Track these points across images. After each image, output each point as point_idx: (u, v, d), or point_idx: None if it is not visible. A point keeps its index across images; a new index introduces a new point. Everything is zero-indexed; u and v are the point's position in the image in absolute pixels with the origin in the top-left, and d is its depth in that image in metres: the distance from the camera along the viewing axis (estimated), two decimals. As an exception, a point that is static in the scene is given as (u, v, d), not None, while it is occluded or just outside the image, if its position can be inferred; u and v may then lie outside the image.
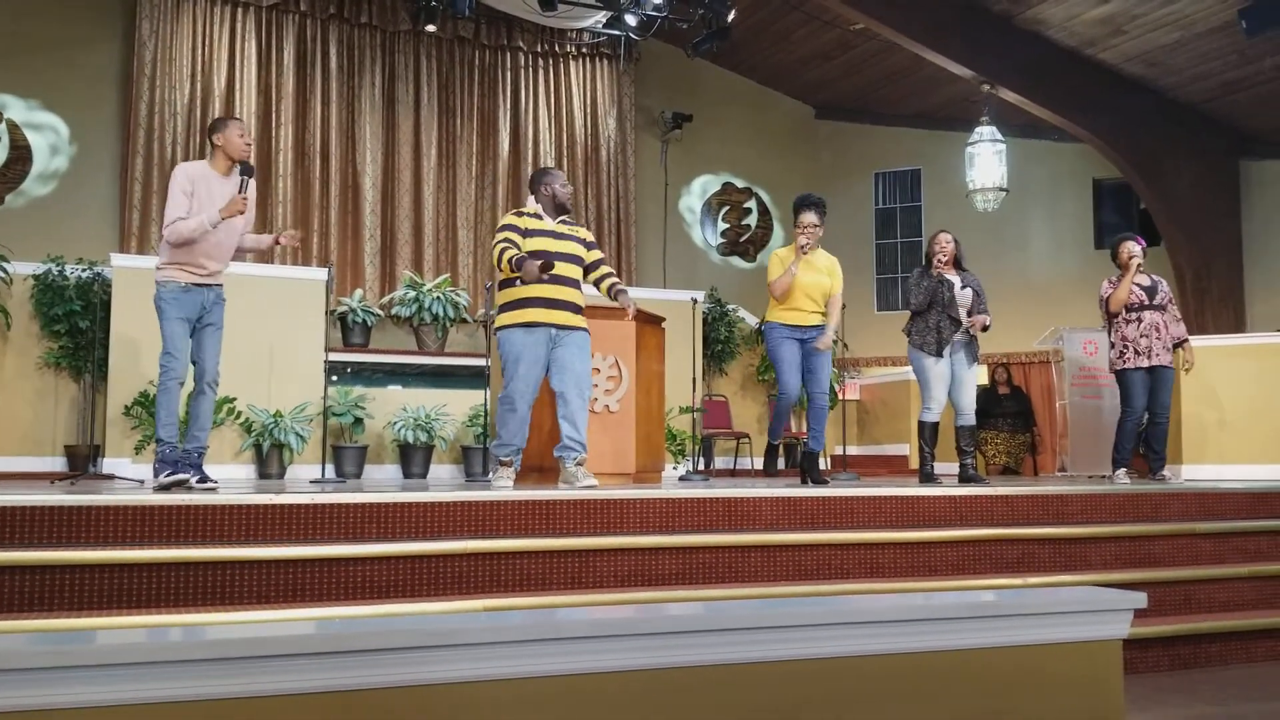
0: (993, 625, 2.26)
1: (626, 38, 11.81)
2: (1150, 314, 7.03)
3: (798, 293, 6.40)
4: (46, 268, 8.66)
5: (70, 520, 3.87)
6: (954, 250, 6.70)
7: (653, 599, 4.24)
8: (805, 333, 6.45)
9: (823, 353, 6.47)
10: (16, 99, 10.13)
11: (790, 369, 6.41)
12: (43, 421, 8.58)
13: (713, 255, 12.93)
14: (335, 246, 11.00)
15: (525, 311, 5.46)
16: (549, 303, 5.49)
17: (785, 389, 6.47)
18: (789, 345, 6.42)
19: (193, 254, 5.40)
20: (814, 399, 6.56)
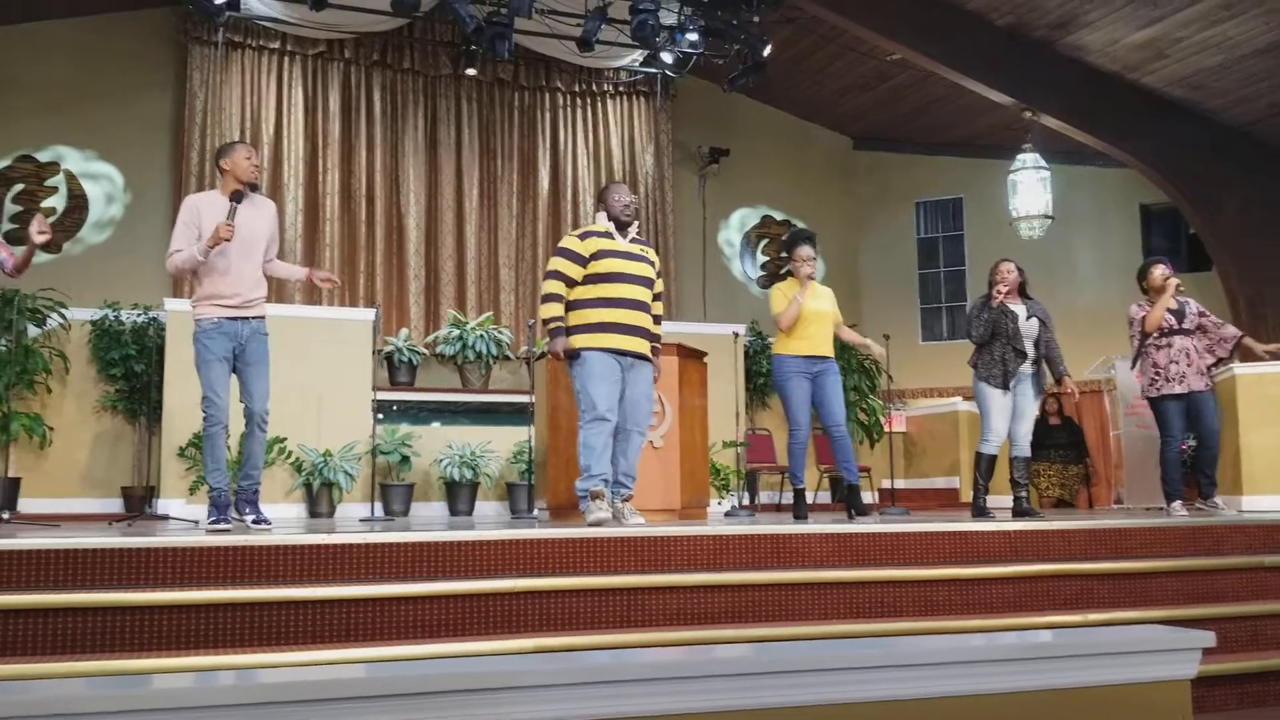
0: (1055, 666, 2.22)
1: (663, 75, 11.92)
2: (1180, 339, 6.90)
3: (807, 322, 6.43)
4: (103, 313, 8.86)
5: (128, 562, 3.92)
6: (1017, 279, 6.63)
7: (702, 638, 4.21)
8: (816, 364, 6.44)
9: (833, 383, 6.43)
10: (73, 150, 10.41)
11: (801, 406, 6.42)
12: (100, 464, 8.75)
13: (753, 288, 12.93)
14: (381, 287, 11.14)
15: (603, 336, 5.41)
16: (625, 329, 5.45)
17: (797, 424, 6.46)
18: (798, 381, 6.41)
19: (215, 285, 5.34)
20: (831, 432, 6.49)
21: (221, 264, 5.33)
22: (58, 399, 8.69)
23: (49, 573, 3.83)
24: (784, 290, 6.55)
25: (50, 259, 10.18)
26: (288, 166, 10.84)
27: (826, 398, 6.42)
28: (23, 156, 10.25)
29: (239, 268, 5.38)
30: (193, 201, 5.48)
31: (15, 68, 10.18)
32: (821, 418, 6.50)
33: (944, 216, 13.11)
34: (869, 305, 12.75)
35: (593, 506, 5.29)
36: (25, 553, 3.83)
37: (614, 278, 5.48)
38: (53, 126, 10.31)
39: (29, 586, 3.78)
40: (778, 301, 6.50)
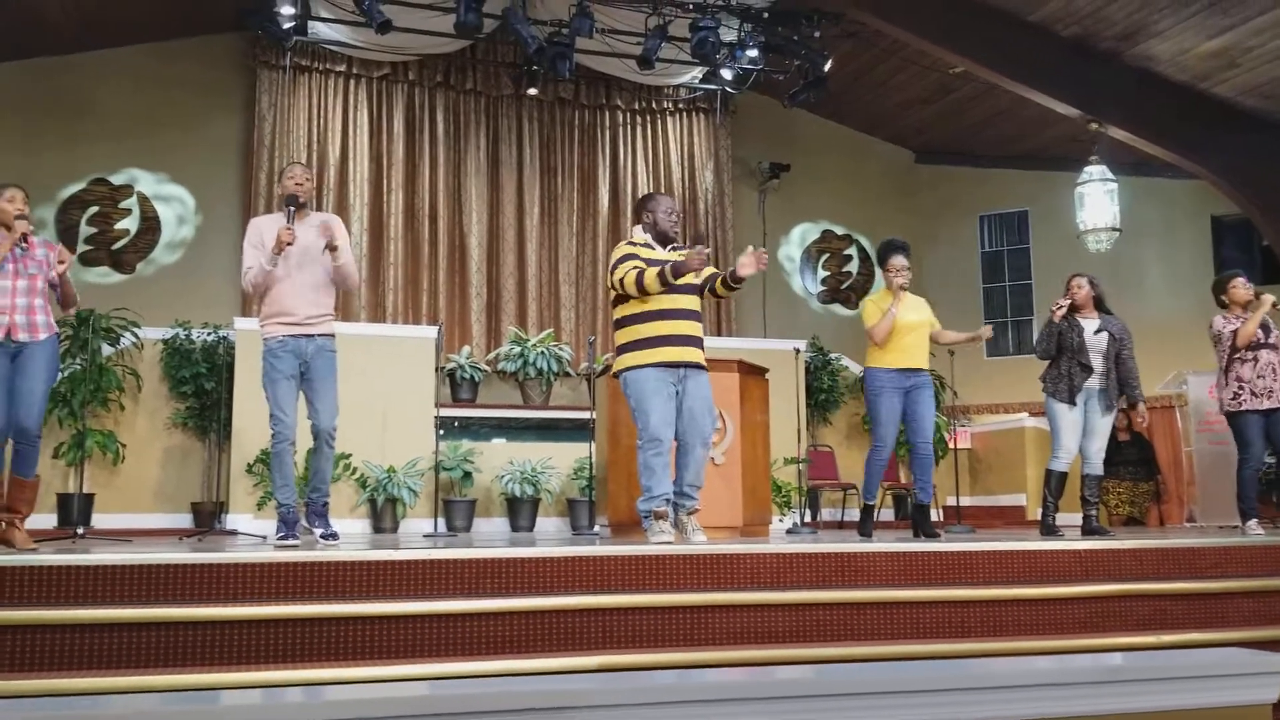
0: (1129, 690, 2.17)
1: (722, 91, 11.93)
2: (1266, 353, 6.74)
3: (900, 333, 6.27)
4: (174, 332, 9.06)
5: (198, 577, 4.00)
6: (1088, 293, 6.54)
7: (766, 658, 4.18)
8: (909, 377, 6.28)
9: (926, 399, 6.27)
10: (146, 173, 10.69)
11: (888, 420, 6.23)
12: (171, 479, 8.94)
13: (813, 303, 12.86)
14: (444, 304, 11.27)
15: (653, 351, 5.33)
16: (676, 339, 5.36)
17: (881, 441, 6.27)
18: (889, 395, 6.23)
19: (279, 303, 5.44)
20: (918, 449, 6.33)
21: (281, 280, 5.44)
22: (130, 416, 8.90)
23: (122, 588, 3.91)
24: (876, 302, 6.40)
25: (124, 279, 10.46)
26: (353, 187, 11.02)
27: (918, 413, 6.26)
28: (97, 180, 10.55)
29: (298, 284, 5.46)
30: (256, 223, 5.67)
31: (90, 93, 10.49)
32: (909, 433, 6.34)
33: (1009, 230, 12.94)
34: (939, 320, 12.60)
35: (655, 527, 5.27)
36: (99, 568, 3.91)
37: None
38: (126, 150, 10.60)
39: (103, 601, 3.86)
40: (870, 314, 6.36)
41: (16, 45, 10.13)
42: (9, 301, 4.93)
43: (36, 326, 4.99)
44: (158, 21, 10.44)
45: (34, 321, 4.99)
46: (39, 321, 5.01)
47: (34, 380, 4.91)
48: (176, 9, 10.33)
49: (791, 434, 8.49)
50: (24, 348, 4.96)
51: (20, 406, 4.85)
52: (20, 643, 3.64)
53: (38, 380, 4.92)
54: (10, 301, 4.93)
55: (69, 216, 10.29)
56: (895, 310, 6.25)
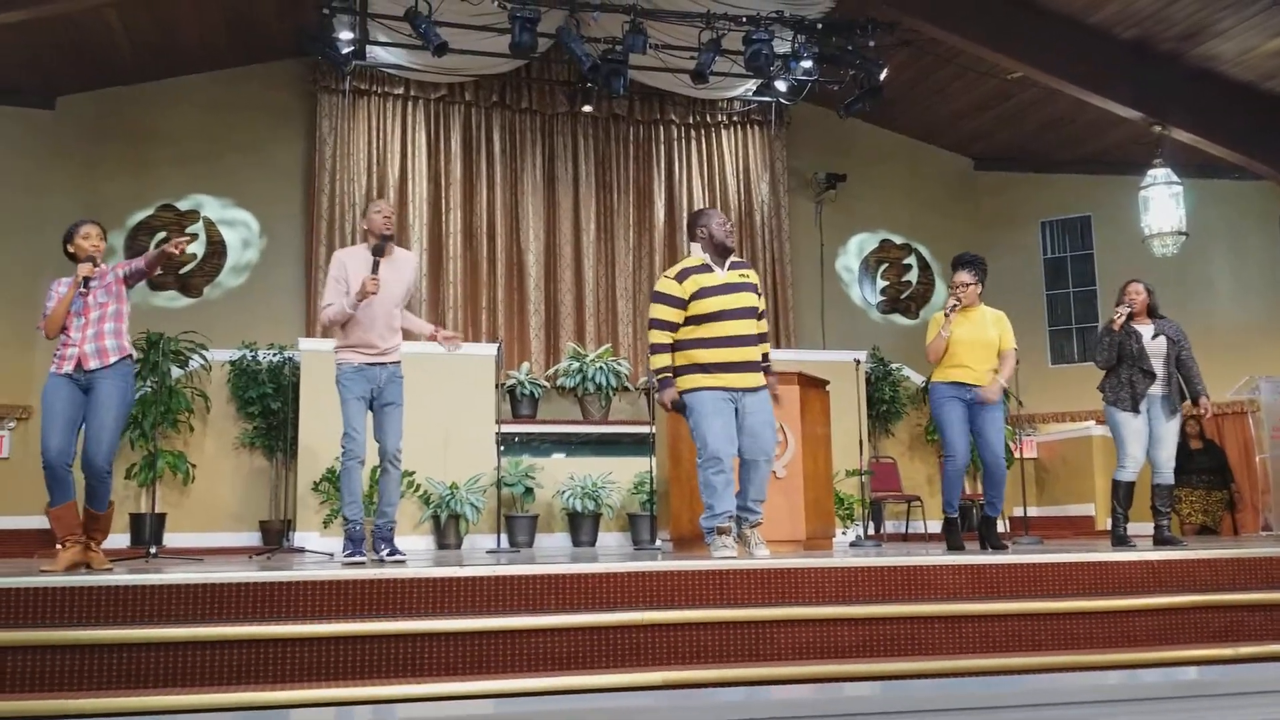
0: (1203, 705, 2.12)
1: (777, 103, 11.91)
2: None
3: (960, 350, 6.12)
4: (241, 353, 9.24)
5: (267, 596, 4.06)
6: (1145, 299, 6.43)
7: (832, 673, 4.13)
8: (971, 391, 6.13)
9: (992, 412, 6.10)
10: (212, 198, 10.92)
11: (957, 430, 6.08)
12: (239, 498, 9.10)
13: (873, 314, 12.76)
14: (502, 322, 11.36)
15: (709, 377, 5.35)
16: (732, 367, 5.36)
17: (953, 451, 6.11)
18: (953, 405, 6.10)
19: (357, 335, 5.69)
20: (988, 465, 6.17)
21: (363, 317, 5.67)
22: (199, 437, 9.08)
23: (194, 606, 3.98)
24: (937, 319, 6.30)
25: (191, 303, 10.69)
26: (412, 208, 11.17)
27: (984, 428, 6.11)
28: (164, 206, 10.81)
29: (377, 320, 5.72)
30: (339, 257, 5.88)
31: (157, 122, 10.76)
32: (980, 449, 6.21)
33: (1072, 236, 12.73)
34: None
35: (718, 542, 5.27)
36: (171, 587, 3.99)
37: (717, 316, 5.40)
38: (192, 176, 10.85)
39: (176, 620, 3.94)
40: (930, 332, 6.27)
41: (86, 76, 10.43)
42: (79, 335, 5.01)
43: (106, 351, 5.03)
44: (221, 50, 10.69)
45: (103, 347, 5.03)
46: (108, 346, 5.05)
47: (105, 415, 4.94)
48: (239, 37, 10.57)
49: (853, 446, 8.43)
50: (95, 379, 4.99)
51: (89, 443, 4.91)
52: (96, 662, 3.72)
53: (108, 414, 4.95)
54: (81, 335, 5.01)
55: (138, 242, 10.54)
56: (946, 332, 6.12)
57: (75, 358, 4.98)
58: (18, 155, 10.22)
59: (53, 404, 4.93)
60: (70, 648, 3.72)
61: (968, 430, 6.12)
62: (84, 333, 5.02)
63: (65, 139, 10.48)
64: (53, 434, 4.88)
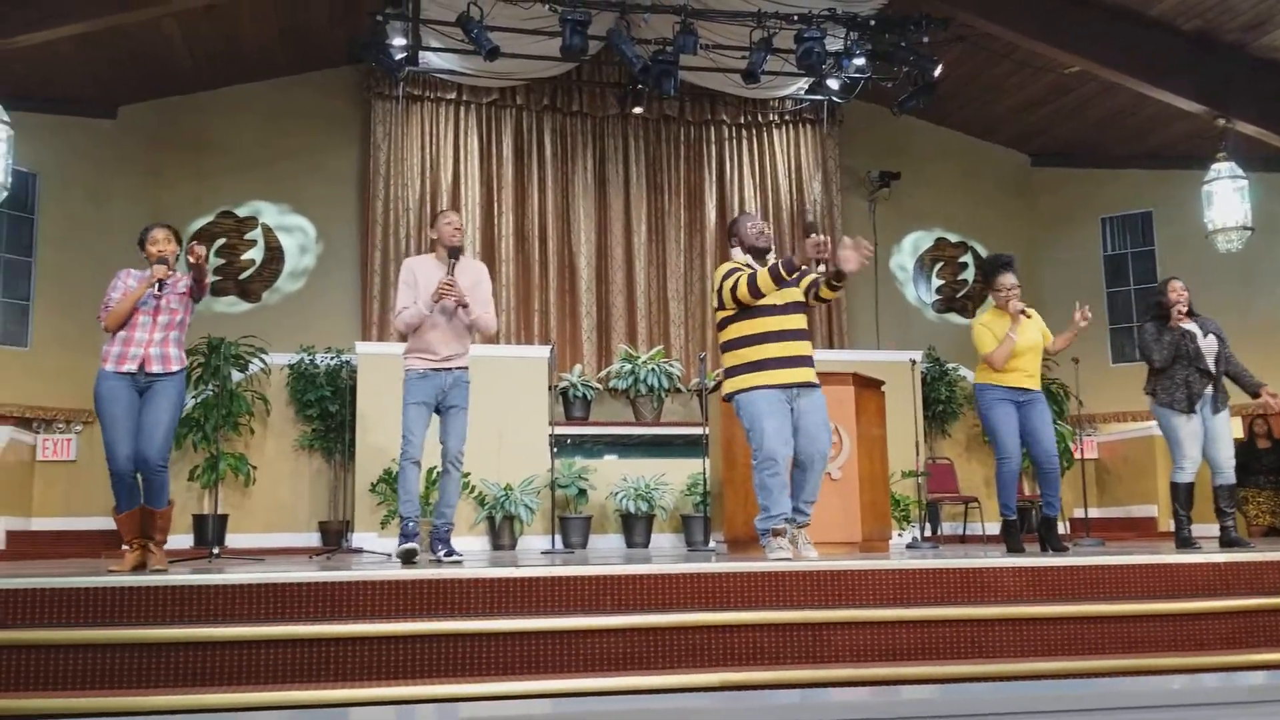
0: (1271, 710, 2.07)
1: (829, 101, 11.83)
2: None
3: (1019, 356, 6.07)
4: (299, 357, 9.37)
5: (328, 595, 4.11)
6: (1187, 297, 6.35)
7: (889, 675, 4.10)
8: (1022, 395, 6.08)
9: (1041, 410, 6.07)
10: (270, 204, 11.10)
11: (1008, 430, 6.02)
12: (299, 499, 9.23)
13: (928, 313, 12.62)
14: (555, 324, 11.41)
15: (761, 374, 5.31)
16: (783, 361, 5.33)
17: (1007, 452, 6.03)
18: (1004, 406, 6.03)
19: (423, 341, 5.83)
20: (1042, 465, 6.10)
21: (429, 322, 5.80)
22: (260, 439, 9.22)
23: (256, 606, 4.05)
24: (990, 325, 6.15)
25: (251, 308, 10.87)
26: (465, 212, 11.25)
27: (1036, 427, 6.05)
28: (224, 212, 11.00)
29: (443, 326, 5.85)
30: (409, 264, 6.03)
31: (216, 130, 10.95)
32: (1031, 448, 6.13)
33: (1132, 232, 12.49)
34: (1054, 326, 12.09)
35: (774, 544, 5.24)
36: (235, 587, 4.06)
37: (765, 310, 5.38)
38: (250, 183, 11.02)
39: (239, 619, 4.00)
40: (985, 340, 6.10)
41: (147, 86, 10.65)
42: (147, 336, 5.11)
43: (169, 359, 5.14)
44: (277, 58, 10.86)
45: (167, 354, 5.14)
46: (171, 354, 5.16)
47: (160, 413, 5.05)
48: (294, 46, 10.73)
49: (909, 447, 8.35)
50: (154, 382, 5.10)
51: (143, 439, 5.01)
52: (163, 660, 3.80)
53: (163, 413, 5.06)
54: (148, 336, 5.11)
55: (199, 249, 10.71)
56: (1015, 336, 6.02)
57: (140, 359, 5.07)
58: (82, 164, 10.46)
59: (114, 410, 5.01)
60: (138, 646, 3.80)
61: (1019, 430, 6.06)
62: (151, 334, 5.11)
63: (127, 148, 10.70)
64: (119, 442, 4.98)
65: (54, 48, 9.07)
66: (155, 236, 5.27)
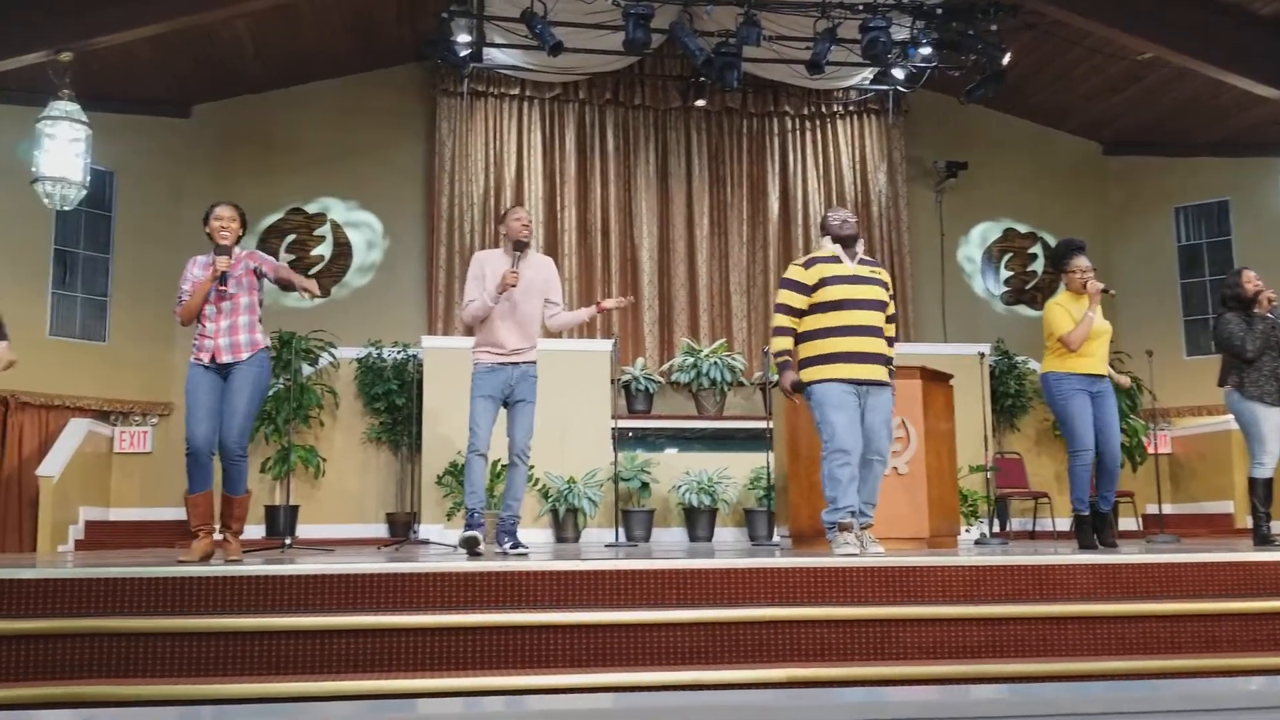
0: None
1: (894, 91, 11.69)
2: None
3: (1091, 339, 6.01)
4: (367, 351, 9.52)
5: (397, 587, 4.17)
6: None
7: (959, 673, 4.05)
8: (1094, 383, 6.02)
9: (1110, 403, 6.01)
10: (338, 201, 11.26)
11: (1085, 422, 5.94)
12: (367, 491, 9.38)
13: (996, 305, 12.42)
14: (617, 317, 11.42)
15: (834, 368, 5.33)
16: (856, 357, 5.33)
17: (1084, 444, 5.95)
18: (1080, 398, 5.96)
19: (490, 335, 5.87)
20: (1105, 461, 6.03)
21: (495, 315, 5.85)
22: (329, 432, 9.38)
23: (328, 596, 4.12)
24: (1063, 306, 6.10)
25: (320, 303, 11.02)
26: (528, 206, 11.31)
27: (1105, 420, 6.00)
28: (293, 209, 11.18)
29: (511, 320, 5.89)
30: (478, 257, 6.09)
31: (285, 128, 11.13)
32: (1098, 441, 6.04)
33: (1208, 221, 12.17)
34: (1127, 319, 11.98)
35: (840, 539, 5.21)
36: (307, 578, 4.13)
37: (843, 304, 5.38)
38: (318, 180, 11.19)
39: (311, 609, 4.07)
40: (1061, 321, 6.03)
41: (218, 85, 10.86)
42: (214, 327, 5.18)
43: (239, 347, 5.19)
44: (343, 57, 11.01)
45: (236, 343, 5.19)
46: (242, 341, 5.20)
47: (237, 401, 5.13)
48: (361, 44, 10.86)
49: (977, 441, 8.24)
50: (230, 369, 5.19)
51: (223, 426, 5.11)
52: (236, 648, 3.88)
53: (241, 399, 5.14)
54: (215, 327, 5.18)
55: (269, 245, 10.92)
56: (1094, 314, 5.97)
57: (211, 350, 5.16)
58: (157, 163, 10.70)
59: (195, 393, 5.13)
60: (215, 635, 3.89)
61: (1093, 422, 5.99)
62: (218, 324, 5.17)
63: (200, 146, 10.92)
64: (198, 422, 5.09)
65: (130, 49, 9.29)
66: (220, 214, 5.23)
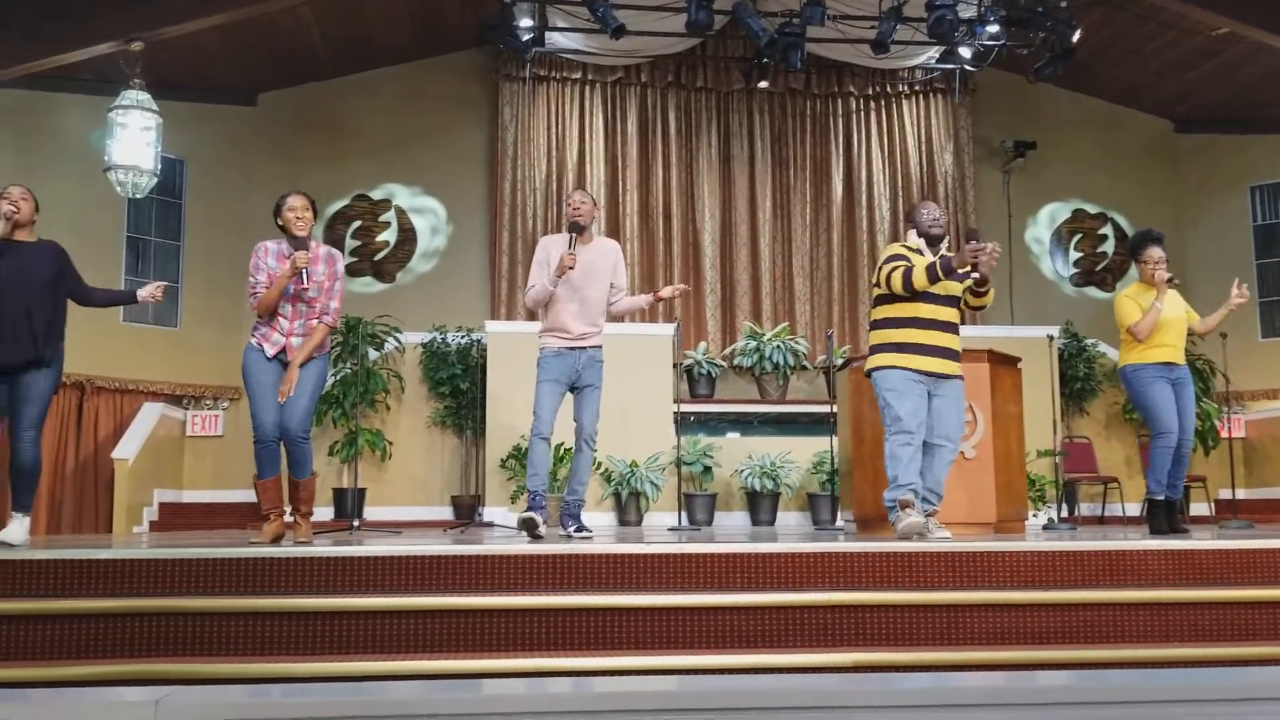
0: None
1: (961, 70, 11.50)
2: None
3: (1163, 330, 5.98)
4: (431, 336, 9.62)
5: (464, 568, 4.22)
6: None
7: (1028, 659, 4.00)
8: (1173, 371, 6.00)
9: (1188, 391, 6.00)
10: (403, 187, 11.37)
11: (1168, 407, 5.93)
12: (432, 474, 9.50)
13: (1065, 287, 12.19)
14: (679, 302, 11.41)
15: (904, 357, 5.32)
16: (928, 349, 5.33)
17: (1167, 427, 5.93)
18: (1162, 385, 5.95)
19: (556, 320, 5.87)
20: (1180, 447, 6.00)
21: (561, 300, 5.83)
22: (395, 415, 9.51)
23: (396, 578, 4.18)
24: (1134, 297, 6.10)
25: (385, 288, 11.19)
26: (591, 190, 11.33)
27: (1183, 408, 5.99)
28: (359, 195, 11.31)
29: (573, 305, 5.87)
30: (544, 242, 6.07)
31: (350, 115, 11.26)
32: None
33: (1286, 200, 11.83)
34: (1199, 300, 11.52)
35: (902, 515, 5.18)
36: (376, 559, 4.20)
37: (921, 296, 5.38)
38: (383, 166, 11.31)
39: (378, 590, 4.14)
40: (1129, 311, 6.04)
41: (285, 73, 11.01)
42: (288, 325, 5.24)
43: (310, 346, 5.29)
44: (408, 44, 11.10)
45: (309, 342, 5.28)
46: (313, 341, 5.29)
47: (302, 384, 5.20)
48: (424, 31, 10.94)
49: (1046, 425, 8.10)
50: None
51: (285, 412, 5.18)
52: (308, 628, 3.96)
53: (305, 384, 5.21)
54: (289, 326, 5.24)
55: (335, 231, 11.08)
56: (1160, 305, 5.97)
57: (281, 346, 5.22)
58: (226, 150, 10.88)
59: (260, 381, 5.19)
60: (283, 614, 3.97)
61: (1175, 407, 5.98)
62: (292, 324, 5.23)
63: (267, 134, 11.09)
64: (265, 411, 5.17)
65: (198, 38, 9.45)
66: (293, 204, 5.21)
